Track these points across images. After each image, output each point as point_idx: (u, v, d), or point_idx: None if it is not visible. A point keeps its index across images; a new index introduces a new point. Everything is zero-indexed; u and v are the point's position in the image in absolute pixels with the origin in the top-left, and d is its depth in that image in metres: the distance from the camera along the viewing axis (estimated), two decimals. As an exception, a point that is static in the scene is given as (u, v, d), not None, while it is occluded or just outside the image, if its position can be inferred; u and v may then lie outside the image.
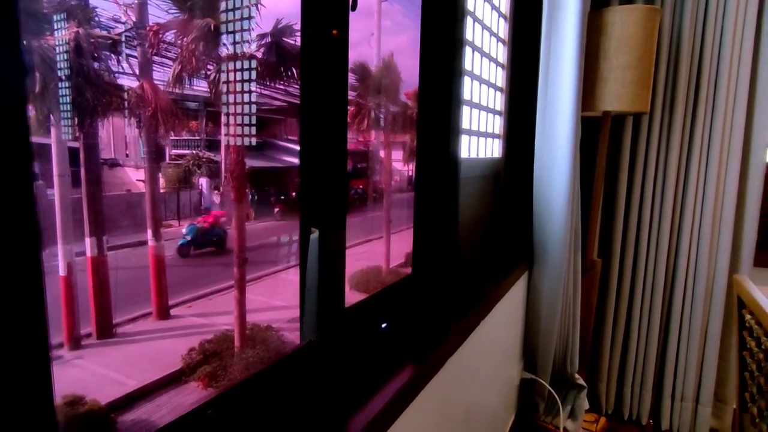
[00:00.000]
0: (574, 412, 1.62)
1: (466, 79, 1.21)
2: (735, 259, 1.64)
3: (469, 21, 1.20)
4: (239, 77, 2.79)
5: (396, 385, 0.70)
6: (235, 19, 2.62)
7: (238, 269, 3.41)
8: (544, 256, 1.48)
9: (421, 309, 1.01)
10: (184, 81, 3.10)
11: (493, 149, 1.51)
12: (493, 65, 1.42)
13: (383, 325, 0.90)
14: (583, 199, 1.58)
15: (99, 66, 2.62)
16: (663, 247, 1.68)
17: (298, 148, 0.72)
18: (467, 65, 1.20)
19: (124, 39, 2.87)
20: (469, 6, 1.19)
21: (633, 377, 1.78)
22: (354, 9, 0.75)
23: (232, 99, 2.79)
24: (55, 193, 2.88)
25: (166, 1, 2.99)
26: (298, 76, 0.75)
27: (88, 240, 3.18)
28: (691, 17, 1.55)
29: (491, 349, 1.29)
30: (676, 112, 1.61)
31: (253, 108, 2.68)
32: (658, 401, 1.78)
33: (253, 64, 2.79)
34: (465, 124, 1.23)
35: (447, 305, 1.02)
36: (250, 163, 4.45)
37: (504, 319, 1.39)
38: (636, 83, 1.40)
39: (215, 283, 4.16)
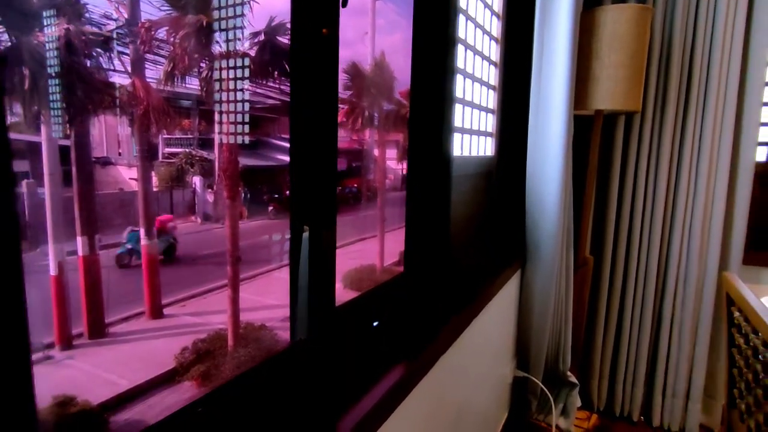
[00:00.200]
0: (567, 409, 1.63)
1: (459, 78, 1.21)
2: (725, 257, 1.66)
3: (462, 19, 1.20)
4: (232, 75, 2.77)
5: (387, 383, 0.69)
6: (227, 16, 2.60)
7: (231, 268, 3.40)
8: (537, 254, 1.49)
9: (413, 307, 1.01)
10: (176, 79, 3.07)
11: (485, 147, 1.51)
12: (486, 63, 1.42)
13: (375, 323, 0.90)
14: (575, 196, 1.59)
15: (90, 63, 2.60)
16: (654, 245, 1.69)
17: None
18: (460, 63, 1.20)
19: (115, 36, 2.84)
20: (462, 4, 1.19)
21: (624, 374, 1.79)
22: (345, 6, 0.74)
23: (225, 97, 2.77)
24: (45, 191, 2.84)
25: (158, -2, 2.96)
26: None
27: (79, 239, 3.15)
28: (683, 16, 1.56)
29: (484, 348, 1.29)
30: (668, 110, 1.62)
31: (246, 106, 2.66)
32: (649, 398, 1.79)
33: (246, 62, 2.78)
34: (458, 123, 1.23)
35: (439, 304, 1.02)
36: (244, 161, 4.42)
37: (497, 317, 1.39)
38: (628, 82, 1.41)
39: (209, 282, 4.13)
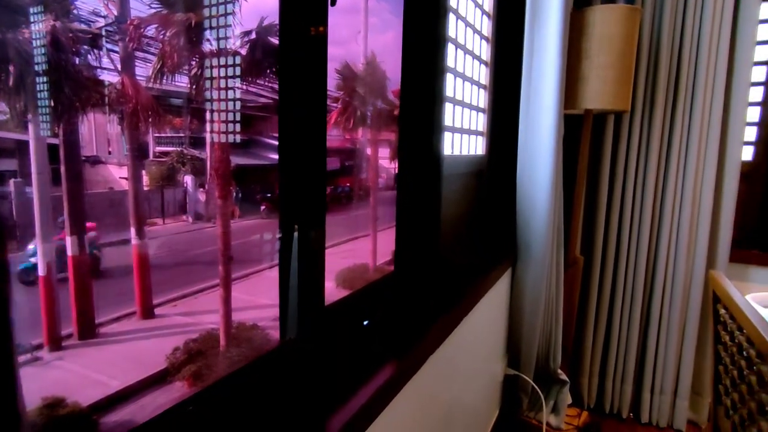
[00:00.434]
0: (557, 406, 1.64)
1: (450, 77, 1.21)
2: (712, 255, 1.68)
3: (452, 18, 1.20)
4: (223, 73, 2.75)
5: (376, 382, 0.69)
6: (218, 14, 2.58)
7: (223, 267, 3.38)
8: (528, 253, 1.50)
9: (403, 306, 1.01)
10: (165, 76, 3.04)
11: (476, 146, 1.51)
12: (476, 63, 1.43)
13: (365, 322, 0.90)
14: (565, 196, 1.60)
15: (78, 61, 2.56)
16: (643, 244, 1.71)
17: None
18: (450, 63, 1.20)
19: (104, 33, 2.81)
20: (453, 3, 1.19)
21: (614, 372, 1.81)
22: (333, 4, 0.74)
23: (216, 95, 2.75)
24: (33, 190, 2.81)
25: (147, -5, 2.93)
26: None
27: (68, 239, 3.11)
28: (671, 17, 1.58)
29: (475, 346, 1.30)
30: (656, 110, 1.63)
31: (238, 105, 2.64)
32: (638, 395, 1.81)
33: (237, 60, 2.76)
34: (448, 122, 1.23)
35: (429, 303, 1.03)
36: (236, 160, 4.39)
37: (487, 315, 1.40)
38: (616, 82, 1.42)
39: (201, 281, 4.10)
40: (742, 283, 1.74)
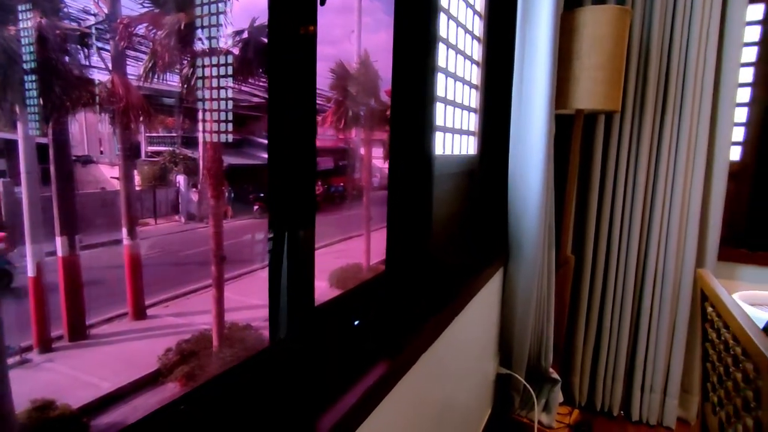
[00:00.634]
0: (549, 405, 1.65)
1: (441, 77, 1.21)
2: (701, 254, 1.70)
3: (444, 18, 1.20)
4: (215, 73, 2.73)
5: (367, 382, 0.70)
6: (210, 13, 2.56)
7: (215, 267, 3.36)
8: (519, 253, 1.50)
9: (394, 306, 1.01)
10: (157, 76, 3.02)
11: (468, 146, 1.52)
12: (468, 63, 1.43)
13: (356, 322, 0.90)
14: (556, 195, 1.61)
15: (68, 59, 2.53)
16: (633, 243, 1.72)
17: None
18: (442, 63, 1.20)
19: (94, 31, 2.78)
20: (444, 4, 1.20)
21: (605, 370, 1.83)
22: (323, 4, 0.74)
23: (208, 95, 2.73)
24: (22, 190, 2.77)
25: (139, -7, 2.90)
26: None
27: (59, 239, 3.08)
28: (660, 18, 1.60)
29: (466, 345, 1.30)
30: (646, 110, 1.65)
31: (230, 104, 2.62)
32: (628, 393, 1.83)
33: (229, 59, 2.74)
34: (440, 122, 1.23)
35: (420, 302, 1.03)
36: (229, 160, 4.37)
37: (479, 315, 1.40)
38: (607, 82, 1.43)
39: (193, 282, 4.08)
40: (731, 281, 1.77)
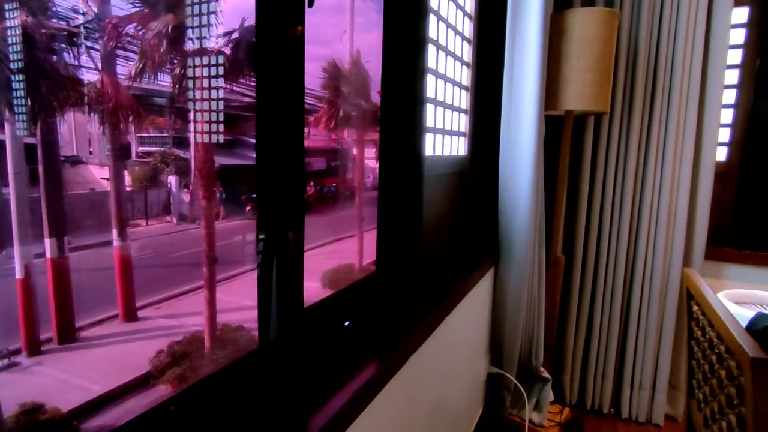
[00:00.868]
0: (540, 404, 1.66)
1: (432, 78, 1.22)
2: (688, 254, 1.72)
3: (434, 20, 1.21)
4: (206, 73, 2.72)
5: (357, 382, 0.70)
6: (200, 13, 2.55)
7: (207, 268, 3.34)
8: (510, 253, 1.51)
9: (385, 306, 1.02)
10: (148, 76, 3.00)
11: (458, 147, 1.53)
12: (458, 64, 1.44)
13: (346, 323, 0.91)
14: (547, 196, 1.62)
15: (56, 59, 2.51)
16: (623, 243, 1.74)
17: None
18: (432, 64, 1.21)
19: (83, 31, 2.76)
20: (434, 5, 1.20)
21: (595, 368, 1.84)
22: (311, 6, 0.74)
23: (199, 95, 2.72)
24: (10, 191, 2.74)
25: (129, -8, 2.88)
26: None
27: (47, 241, 3.04)
28: (648, 21, 1.61)
29: (457, 345, 1.31)
30: (634, 112, 1.67)
31: (221, 105, 2.62)
32: (618, 391, 1.85)
33: (220, 59, 2.73)
34: (430, 123, 1.24)
35: (411, 302, 1.03)
36: (221, 160, 4.34)
37: (470, 314, 1.41)
38: (596, 84, 1.45)
39: (185, 283, 4.05)
40: (717, 280, 1.79)
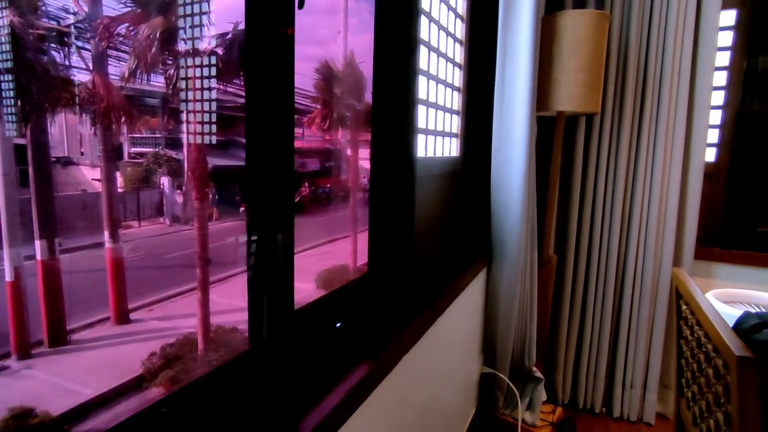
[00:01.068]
0: (532, 403, 1.67)
1: (424, 79, 1.22)
2: (678, 253, 1.74)
3: (426, 22, 1.21)
4: (199, 73, 2.71)
5: (348, 383, 0.70)
6: (192, 13, 2.53)
7: (200, 270, 3.32)
8: (502, 253, 1.52)
9: (377, 307, 1.02)
10: (140, 76, 2.98)
11: (451, 148, 1.53)
12: (450, 65, 1.44)
13: (338, 324, 0.90)
14: (539, 196, 1.63)
15: (46, 59, 2.48)
16: (614, 243, 1.75)
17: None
18: (424, 65, 1.21)
19: (74, 31, 2.73)
20: (426, 7, 1.20)
21: (587, 368, 1.86)
22: (301, 7, 0.74)
23: (192, 96, 2.70)
24: (-1, 193, 2.71)
25: (120, -8, 2.86)
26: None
27: (38, 243, 3.01)
28: (638, 23, 1.63)
29: (450, 345, 1.31)
30: (625, 113, 1.68)
31: (214, 105, 2.60)
32: (610, 390, 1.86)
33: (213, 60, 2.72)
34: (422, 124, 1.24)
35: (403, 303, 1.03)
36: (215, 161, 4.32)
37: (463, 314, 1.41)
38: (587, 85, 1.46)
39: (178, 284, 4.03)
40: (706, 279, 1.81)
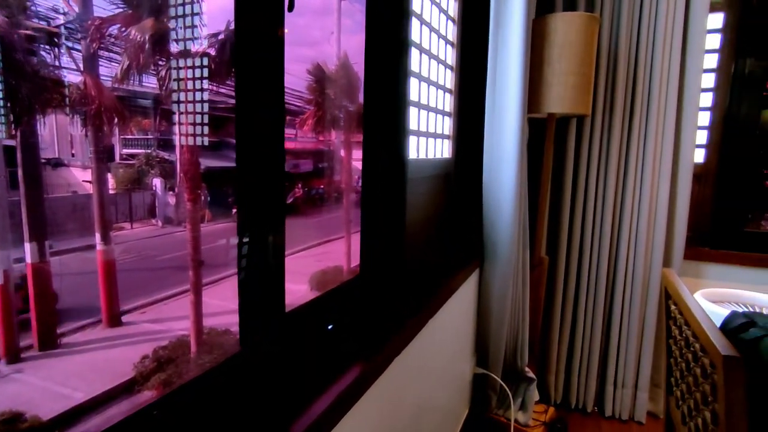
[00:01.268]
0: (525, 403, 1.68)
1: (416, 81, 1.22)
2: (668, 254, 1.75)
3: (418, 24, 1.22)
4: (191, 75, 2.69)
5: (340, 385, 0.70)
6: (185, 14, 2.52)
7: (193, 272, 3.30)
8: (494, 254, 1.53)
9: (369, 309, 1.02)
10: (133, 77, 2.96)
11: (443, 150, 1.54)
12: (442, 67, 1.45)
13: (329, 326, 0.90)
14: (530, 197, 1.64)
15: (36, 60, 2.46)
16: (605, 244, 1.77)
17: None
18: (416, 68, 1.22)
19: (64, 31, 2.71)
20: (417, 9, 1.21)
21: (579, 368, 1.87)
22: (291, 10, 0.74)
23: (184, 97, 2.69)
24: (-12, 195, 2.68)
25: (111, -8, 2.84)
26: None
27: (27, 245, 2.98)
28: (627, 26, 1.65)
29: (443, 346, 1.31)
30: (615, 114, 1.70)
31: (206, 107, 2.59)
32: (601, 389, 1.88)
33: (205, 61, 2.71)
34: (414, 126, 1.24)
35: (395, 304, 1.04)
36: (207, 162, 4.30)
37: (455, 315, 1.42)
38: (578, 87, 1.47)
39: (171, 287, 4.00)
40: (696, 279, 1.83)
